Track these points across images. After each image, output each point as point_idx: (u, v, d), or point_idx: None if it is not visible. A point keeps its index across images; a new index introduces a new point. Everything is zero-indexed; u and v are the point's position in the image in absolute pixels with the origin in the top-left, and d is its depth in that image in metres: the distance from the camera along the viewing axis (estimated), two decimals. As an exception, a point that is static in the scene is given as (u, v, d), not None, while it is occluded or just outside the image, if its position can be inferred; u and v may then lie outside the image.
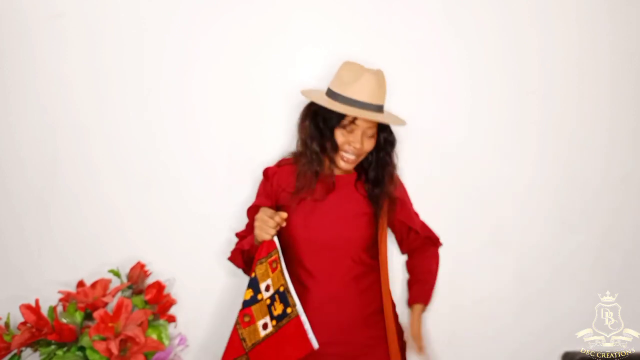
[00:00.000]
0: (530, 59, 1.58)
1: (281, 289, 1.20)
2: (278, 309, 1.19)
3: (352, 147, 1.25)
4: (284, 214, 1.21)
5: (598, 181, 1.60)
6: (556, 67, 1.59)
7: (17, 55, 1.46)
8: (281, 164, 1.40)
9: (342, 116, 1.23)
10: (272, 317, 1.19)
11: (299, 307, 1.19)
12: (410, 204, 1.46)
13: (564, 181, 1.59)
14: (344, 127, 1.24)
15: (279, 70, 1.53)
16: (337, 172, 1.35)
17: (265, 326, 1.19)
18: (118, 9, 1.49)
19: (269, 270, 1.20)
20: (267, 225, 1.19)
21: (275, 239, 1.21)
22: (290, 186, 1.32)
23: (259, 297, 1.19)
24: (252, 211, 1.37)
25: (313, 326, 1.21)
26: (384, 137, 1.33)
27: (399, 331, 1.35)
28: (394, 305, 1.35)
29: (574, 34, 1.60)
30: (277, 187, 1.35)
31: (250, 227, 1.38)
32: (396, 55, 1.54)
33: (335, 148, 1.26)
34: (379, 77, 1.26)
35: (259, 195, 1.39)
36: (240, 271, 1.49)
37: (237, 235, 1.42)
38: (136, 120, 1.50)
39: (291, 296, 1.19)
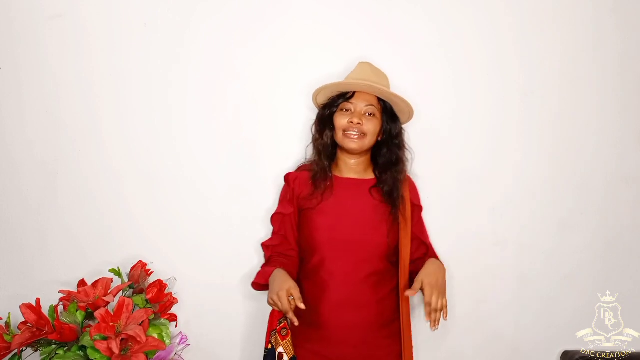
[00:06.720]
0: (530, 59, 1.58)
1: (293, 356, 1.25)
2: None
3: (353, 124, 1.29)
4: (301, 305, 1.16)
5: (598, 181, 1.60)
6: (556, 68, 1.59)
7: (17, 56, 1.46)
8: (301, 169, 1.42)
9: (338, 100, 1.33)
10: None
11: None
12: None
13: (564, 181, 1.60)
14: (342, 110, 1.33)
15: (283, 70, 1.54)
16: (354, 175, 1.37)
17: None
18: (121, 9, 1.49)
19: (279, 339, 1.25)
20: (282, 303, 1.17)
21: None
22: (309, 190, 1.34)
23: None
24: (276, 218, 1.39)
25: (330, 326, 1.27)
26: (389, 125, 1.36)
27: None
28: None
29: (574, 34, 1.60)
30: (298, 192, 1.37)
31: (276, 235, 1.39)
32: (395, 56, 1.54)
33: (337, 129, 1.32)
34: (373, 66, 1.38)
35: (281, 201, 1.41)
36: (240, 270, 1.49)
37: (263, 245, 1.41)
38: (137, 121, 1.49)
39: None
